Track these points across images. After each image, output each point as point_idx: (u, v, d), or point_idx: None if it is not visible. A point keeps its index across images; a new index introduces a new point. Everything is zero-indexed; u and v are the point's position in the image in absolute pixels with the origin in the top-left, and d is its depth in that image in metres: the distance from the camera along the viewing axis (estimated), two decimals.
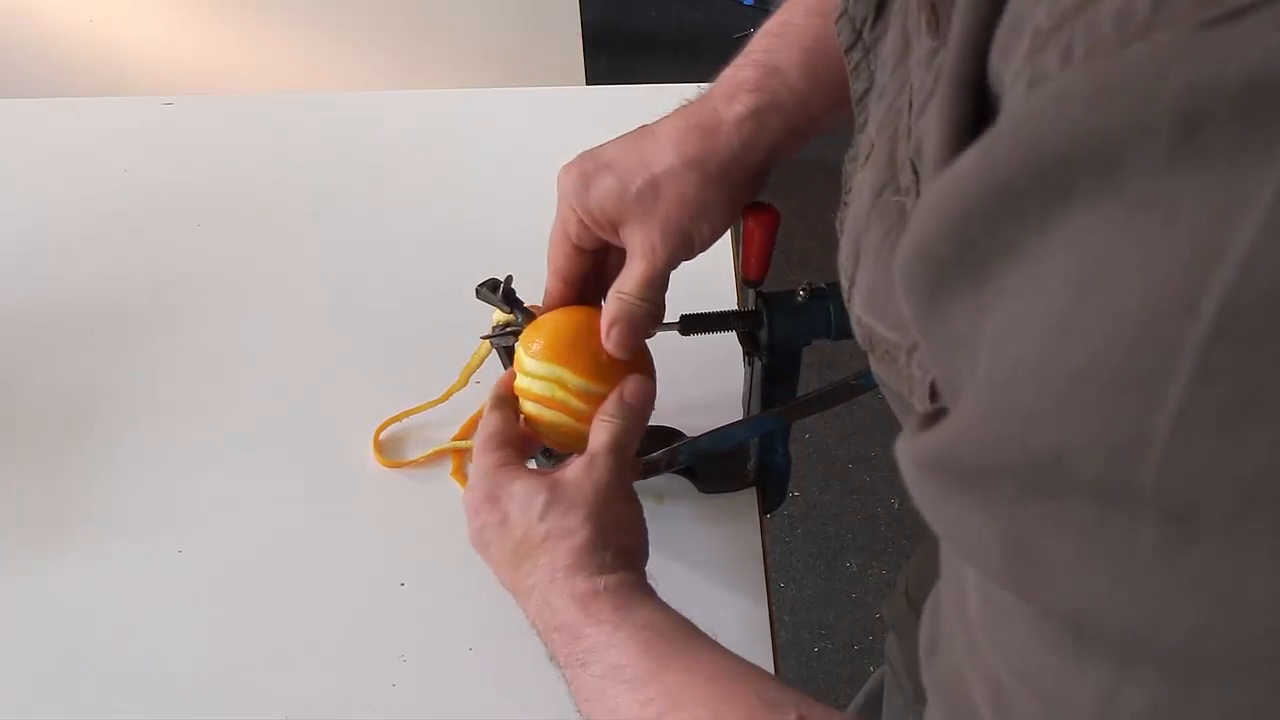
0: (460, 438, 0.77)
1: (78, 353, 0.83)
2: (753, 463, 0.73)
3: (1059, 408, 0.23)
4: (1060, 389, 0.23)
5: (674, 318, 0.65)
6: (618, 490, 0.58)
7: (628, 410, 0.59)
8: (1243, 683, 0.23)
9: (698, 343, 0.67)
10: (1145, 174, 0.21)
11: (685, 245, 0.59)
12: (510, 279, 0.67)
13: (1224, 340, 0.20)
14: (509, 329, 0.66)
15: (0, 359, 0.83)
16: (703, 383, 0.75)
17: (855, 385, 0.67)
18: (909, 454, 0.29)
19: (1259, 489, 0.20)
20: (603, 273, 0.64)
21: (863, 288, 0.41)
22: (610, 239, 0.61)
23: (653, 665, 0.50)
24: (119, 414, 0.79)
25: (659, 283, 0.60)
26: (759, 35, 0.60)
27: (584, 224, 0.61)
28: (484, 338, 0.69)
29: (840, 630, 1.64)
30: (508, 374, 0.64)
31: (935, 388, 0.32)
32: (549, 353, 0.61)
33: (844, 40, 0.47)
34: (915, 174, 0.37)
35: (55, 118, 1.05)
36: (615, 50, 2.38)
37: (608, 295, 0.61)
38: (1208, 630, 0.22)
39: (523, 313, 0.66)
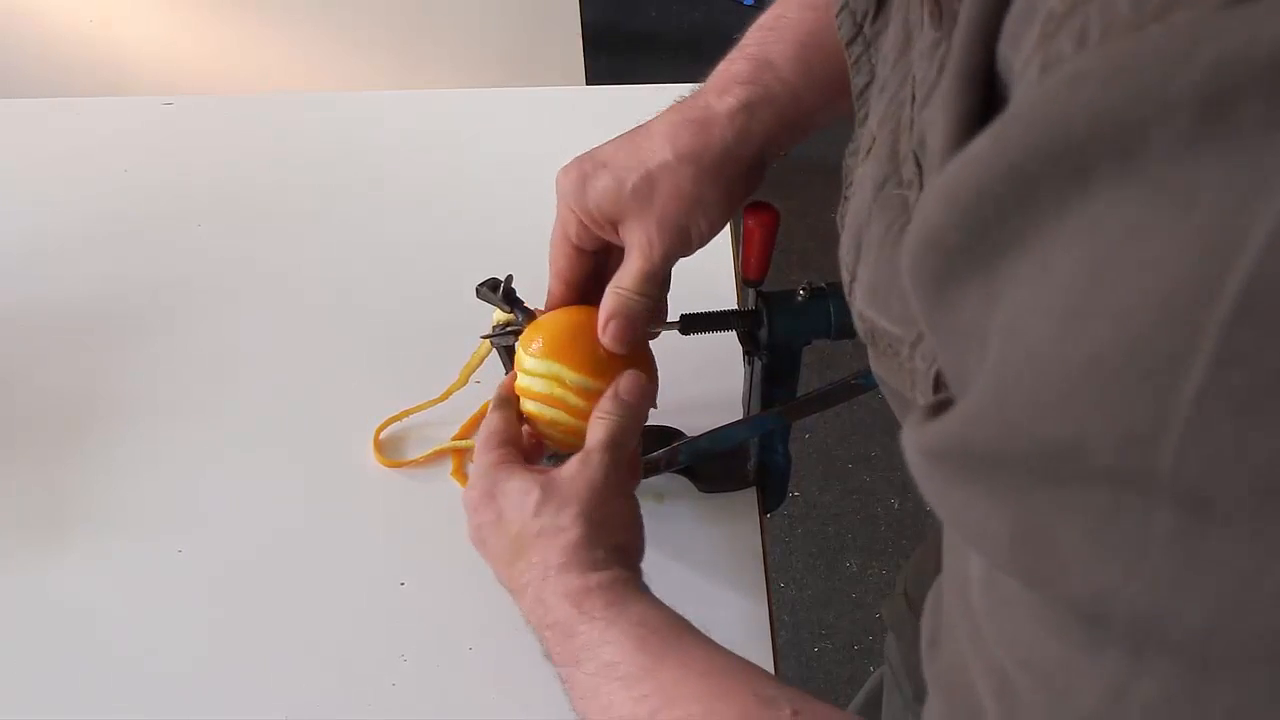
0: (460, 438, 0.77)
1: (78, 353, 0.83)
2: (753, 463, 0.73)
3: (1073, 394, 0.23)
4: (1075, 375, 0.22)
5: (674, 317, 0.65)
6: (612, 487, 0.57)
7: (623, 407, 0.59)
8: (1258, 674, 0.22)
9: (698, 343, 0.67)
10: (1166, 155, 0.21)
11: (682, 240, 0.59)
12: (510, 279, 0.67)
13: (1246, 322, 0.20)
14: (509, 329, 0.66)
15: (0, 359, 0.83)
16: (703, 383, 0.75)
17: (855, 385, 0.67)
18: (916, 442, 0.29)
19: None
20: (604, 274, 0.64)
21: (864, 282, 0.41)
22: (609, 238, 0.61)
23: (647, 662, 0.50)
24: (119, 414, 0.79)
25: (656, 277, 0.60)
26: (753, 29, 0.60)
27: (583, 224, 0.61)
28: (484, 338, 0.69)
29: (840, 630, 1.64)
30: (510, 375, 0.64)
31: (939, 380, 0.32)
32: (547, 350, 0.61)
33: (845, 34, 0.47)
34: (918, 166, 0.37)
35: (55, 118, 1.05)
36: (615, 50, 2.38)
37: (605, 291, 0.61)
38: (1223, 619, 0.22)
39: (523, 312, 0.66)
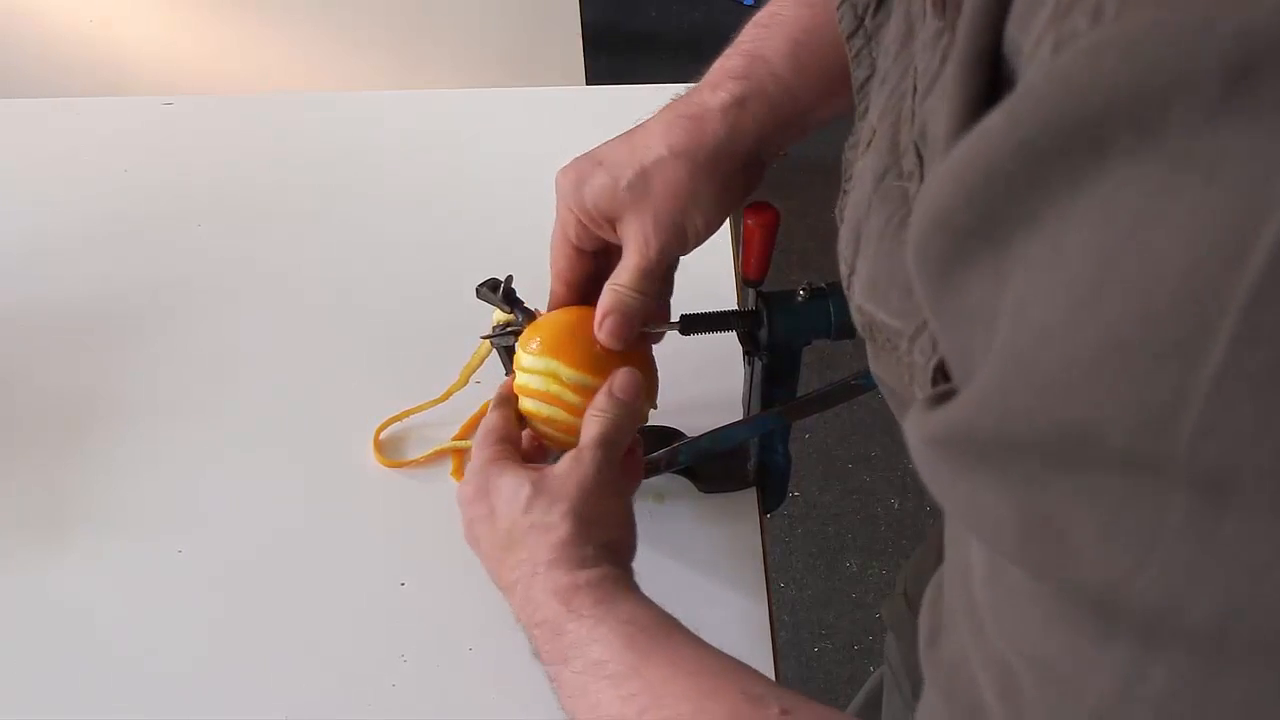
0: (460, 438, 0.77)
1: (78, 353, 0.83)
2: (753, 463, 0.73)
3: (1088, 375, 0.22)
4: (1088, 356, 0.22)
5: (674, 318, 0.65)
6: (604, 485, 0.57)
7: (617, 404, 0.59)
8: (1274, 663, 0.22)
9: (698, 343, 0.67)
10: (1188, 127, 0.20)
11: (678, 236, 0.59)
12: (510, 279, 0.68)
13: (1269, 299, 0.19)
14: (509, 329, 0.66)
15: (0, 359, 0.83)
16: (703, 383, 0.75)
17: (855, 385, 0.67)
18: (920, 430, 0.28)
19: None
20: (605, 276, 0.64)
21: (863, 275, 0.41)
22: (608, 236, 0.61)
23: (635, 660, 0.49)
24: (119, 414, 0.79)
25: (653, 274, 0.60)
26: (749, 26, 0.60)
27: (581, 224, 0.61)
28: (484, 338, 0.69)
29: (840, 630, 1.64)
30: (511, 376, 0.64)
31: (940, 372, 0.31)
32: (544, 347, 0.61)
33: (846, 27, 0.47)
34: (919, 158, 0.37)
35: (55, 118, 1.05)
36: (615, 50, 2.38)
37: (603, 288, 0.61)
38: (1239, 607, 0.21)
39: (523, 312, 0.66)
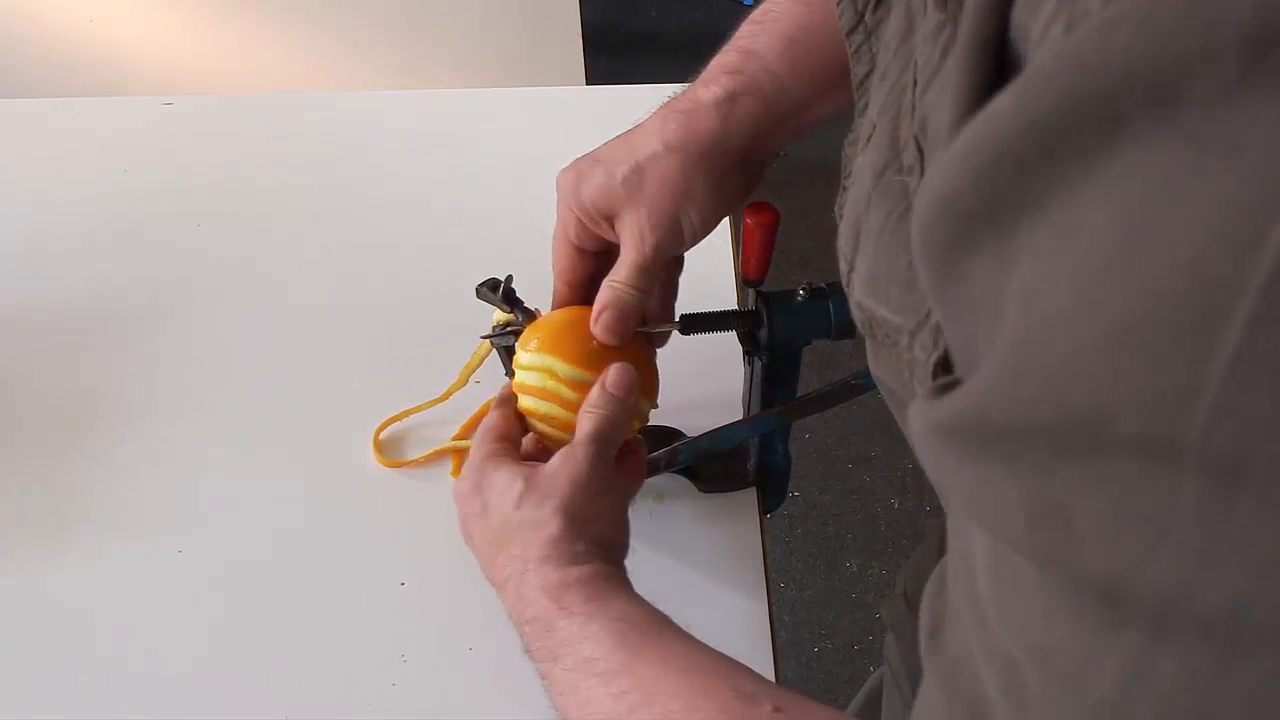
0: (460, 438, 0.77)
1: (78, 353, 0.83)
2: (753, 463, 0.73)
3: (1099, 359, 0.22)
4: (1100, 339, 0.22)
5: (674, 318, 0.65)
6: (597, 481, 0.57)
7: (610, 400, 0.59)
8: None
9: (698, 343, 0.67)
10: (1206, 103, 0.20)
11: (674, 232, 0.59)
12: (510, 279, 0.68)
13: None
14: (509, 329, 0.66)
15: (0, 359, 0.83)
16: (703, 383, 0.75)
17: (855, 385, 0.67)
18: (926, 419, 0.28)
19: None
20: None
21: (862, 271, 0.40)
22: (607, 235, 0.61)
23: (626, 658, 0.49)
24: (119, 414, 0.79)
25: (649, 270, 0.60)
26: (745, 24, 0.60)
27: (581, 223, 0.61)
28: (484, 338, 0.69)
29: (840, 630, 1.64)
30: (512, 377, 0.64)
31: (941, 366, 0.31)
32: (541, 344, 0.62)
33: (846, 23, 0.47)
34: (919, 152, 0.36)
35: (55, 118, 1.05)
36: (615, 50, 2.38)
37: (601, 286, 0.61)
38: (1251, 596, 0.21)
39: (523, 312, 0.66)
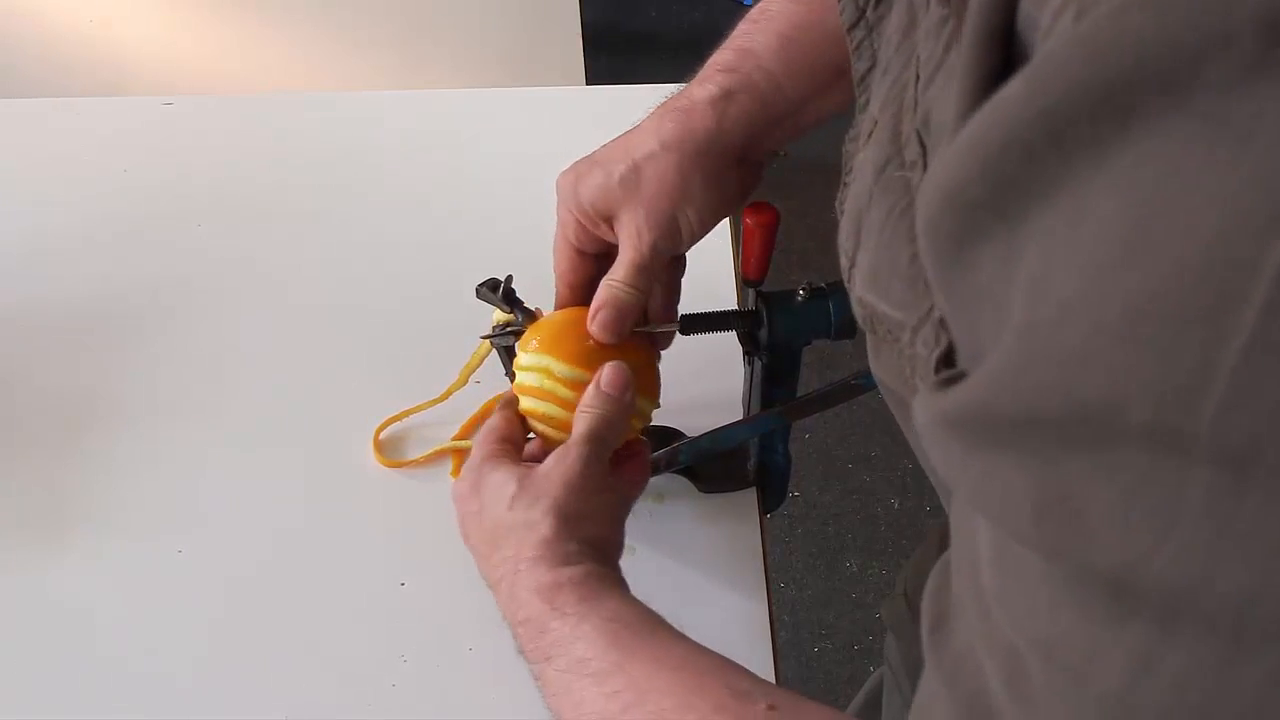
0: (460, 438, 0.77)
1: (78, 353, 0.83)
2: (753, 463, 0.73)
3: (1110, 347, 0.22)
4: (1112, 327, 0.22)
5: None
6: (590, 481, 0.56)
7: (605, 399, 0.58)
8: None
9: (698, 343, 0.67)
10: (1221, 87, 0.20)
11: (671, 230, 0.59)
12: (510, 279, 0.68)
13: None
14: (509, 329, 0.66)
15: (0, 359, 0.83)
16: (703, 383, 0.75)
17: (855, 385, 0.67)
18: (931, 410, 0.28)
19: None
20: None
21: (864, 267, 0.40)
22: (606, 236, 0.61)
23: (619, 657, 0.49)
24: (119, 414, 0.79)
25: (647, 268, 0.60)
26: (742, 22, 0.61)
27: (581, 225, 0.61)
28: (484, 338, 0.69)
29: (840, 630, 1.64)
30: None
31: (943, 361, 0.31)
32: (538, 344, 0.62)
33: (847, 19, 0.47)
34: (922, 146, 0.36)
35: (55, 118, 1.04)
36: (615, 50, 2.38)
37: (599, 285, 0.61)
38: (1259, 589, 0.21)
39: (523, 312, 0.66)
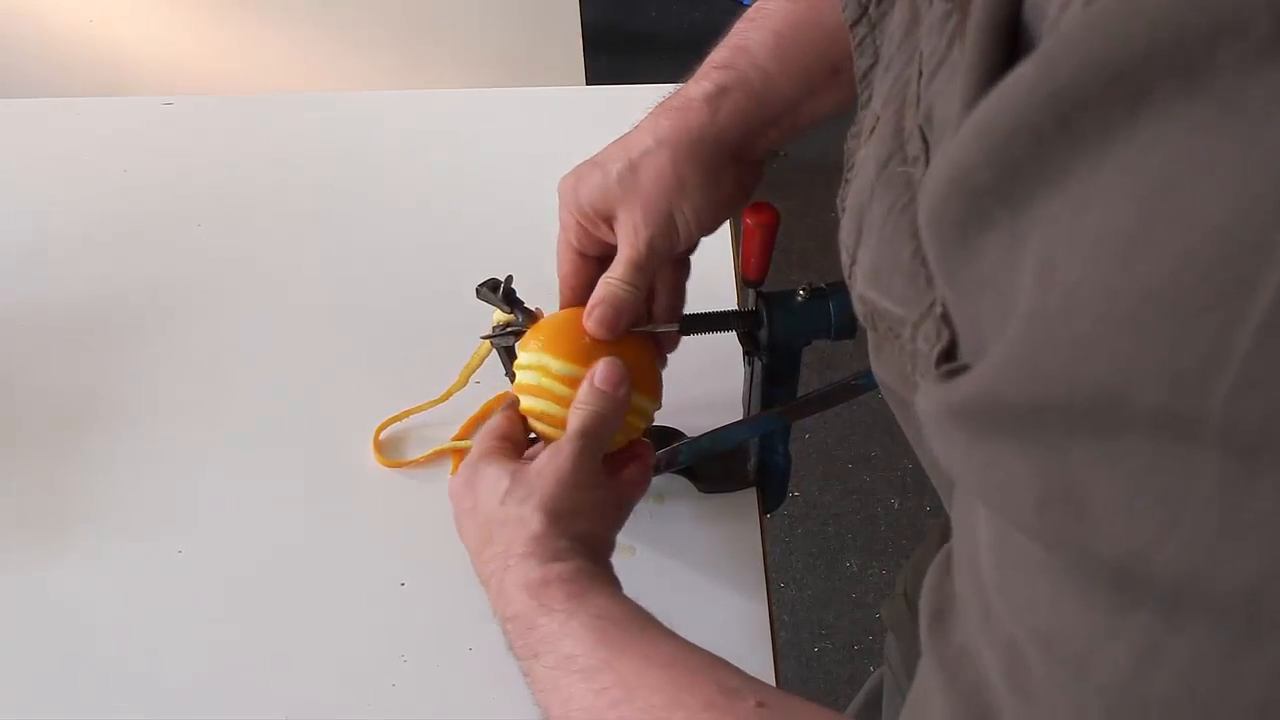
0: (460, 438, 0.77)
1: (78, 353, 0.83)
2: (753, 463, 0.73)
3: (1119, 332, 0.21)
4: (1124, 312, 0.21)
5: None
6: (582, 477, 0.56)
7: (598, 396, 0.58)
8: None
9: (698, 343, 0.67)
10: (1236, 70, 0.20)
11: (667, 227, 0.59)
12: (510, 279, 0.67)
13: None
14: (509, 329, 0.66)
15: (0, 359, 0.83)
16: (703, 383, 0.75)
17: (855, 385, 0.67)
18: (935, 400, 0.28)
19: None
20: None
21: (865, 264, 0.40)
22: (607, 237, 0.61)
23: (607, 654, 0.48)
24: (119, 414, 0.79)
25: (644, 266, 0.60)
26: (739, 21, 0.61)
27: (582, 227, 0.62)
28: (484, 338, 0.69)
29: (840, 630, 1.64)
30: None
31: (945, 356, 0.31)
32: (536, 343, 0.62)
33: (849, 16, 0.47)
34: (924, 141, 0.36)
35: (55, 118, 1.04)
36: (615, 50, 2.38)
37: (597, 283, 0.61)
38: (1271, 576, 0.20)
39: (523, 313, 0.66)
